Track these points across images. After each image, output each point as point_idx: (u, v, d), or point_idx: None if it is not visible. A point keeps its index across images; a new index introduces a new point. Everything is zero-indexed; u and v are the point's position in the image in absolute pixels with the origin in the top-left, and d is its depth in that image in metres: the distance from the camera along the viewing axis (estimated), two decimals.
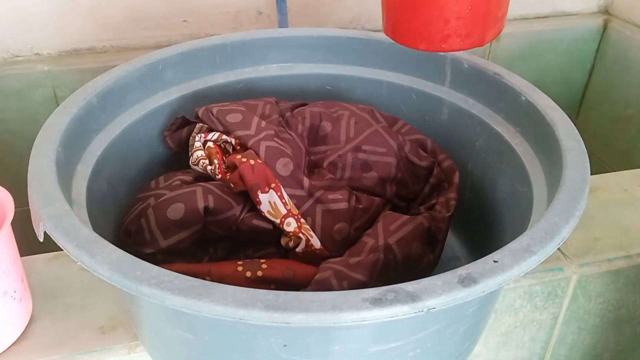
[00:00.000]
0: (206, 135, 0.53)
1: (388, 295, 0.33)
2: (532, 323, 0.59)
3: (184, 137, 0.56)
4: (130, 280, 0.34)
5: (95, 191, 0.47)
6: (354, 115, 0.56)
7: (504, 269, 0.35)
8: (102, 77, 0.53)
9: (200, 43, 0.60)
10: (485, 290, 0.34)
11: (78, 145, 0.48)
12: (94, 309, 0.51)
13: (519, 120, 0.54)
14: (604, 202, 0.63)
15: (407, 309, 0.33)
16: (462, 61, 0.59)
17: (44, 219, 0.38)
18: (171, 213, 0.46)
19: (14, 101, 0.84)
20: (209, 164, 0.51)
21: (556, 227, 0.38)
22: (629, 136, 1.02)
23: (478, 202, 0.55)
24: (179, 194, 0.47)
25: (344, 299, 0.32)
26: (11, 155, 0.86)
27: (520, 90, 0.53)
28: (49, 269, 0.54)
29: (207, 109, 0.53)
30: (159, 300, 0.33)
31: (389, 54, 0.63)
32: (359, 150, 0.54)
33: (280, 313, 0.32)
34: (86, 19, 0.86)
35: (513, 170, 0.52)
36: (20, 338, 0.48)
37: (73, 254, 0.36)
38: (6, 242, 0.45)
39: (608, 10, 1.07)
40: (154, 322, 0.42)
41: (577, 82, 1.09)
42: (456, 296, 0.33)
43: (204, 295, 0.32)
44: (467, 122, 0.58)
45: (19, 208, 0.46)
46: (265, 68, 0.63)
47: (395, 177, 0.54)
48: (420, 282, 0.34)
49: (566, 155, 0.45)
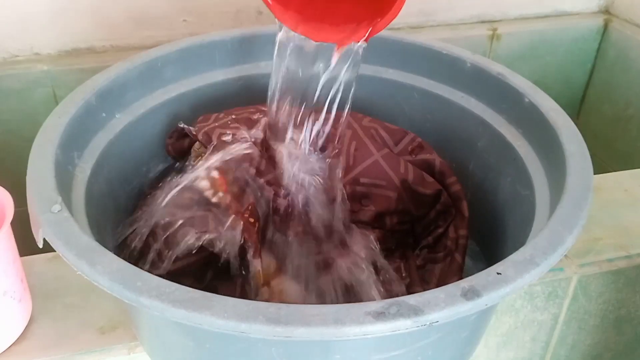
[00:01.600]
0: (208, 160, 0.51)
1: (391, 309, 0.32)
2: (533, 323, 0.59)
3: (186, 147, 0.55)
4: (131, 292, 0.33)
5: (95, 191, 0.47)
6: (355, 139, 0.53)
7: (508, 281, 0.34)
8: (100, 75, 0.52)
9: (199, 39, 0.59)
10: (489, 303, 0.34)
11: (77, 146, 0.48)
12: (93, 309, 0.51)
13: (521, 122, 0.53)
14: (604, 202, 0.63)
15: (409, 323, 0.32)
16: (464, 60, 0.58)
17: (43, 225, 0.37)
18: (182, 237, 0.45)
19: (13, 101, 0.84)
20: (214, 194, 0.50)
21: (560, 237, 0.38)
22: (629, 136, 1.02)
23: (479, 203, 0.55)
24: (190, 218, 0.47)
25: (347, 313, 0.32)
26: (11, 155, 0.86)
27: (524, 91, 0.52)
28: (49, 269, 0.54)
29: (206, 133, 0.52)
30: (159, 312, 0.33)
31: (391, 51, 0.62)
32: (357, 183, 0.52)
33: (282, 327, 0.31)
34: (86, 19, 0.86)
35: (515, 173, 0.51)
36: (20, 338, 0.48)
37: (72, 262, 0.36)
38: (6, 242, 0.45)
39: (609, 10, 1.07)
40: (154, 327, 0.42)
41: (578, 82, 1.09)
42: (459, 310, 0.33)
43: (205, 307, 0.32)
44: (469, 122, 0.57)
45: (19, 208, 0.46)
46: (266, 64, 0.62)
47: (396, 209, 0.52)
48: (423, 295, 0.33)
49: (570, 160, 0.44)
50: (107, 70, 0.53)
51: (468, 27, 1.01)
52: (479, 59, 0.58)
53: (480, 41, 0.99)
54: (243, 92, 0.60)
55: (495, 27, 1.00)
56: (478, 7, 1.01)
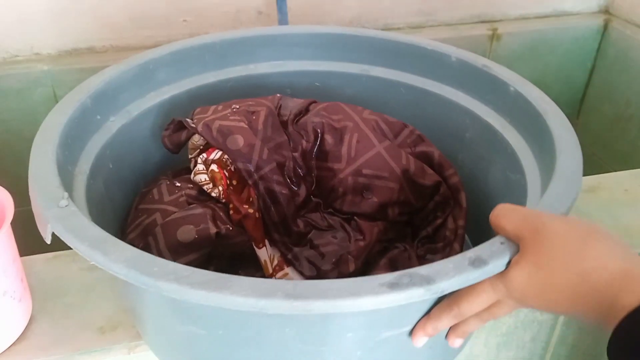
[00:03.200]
0: (208, 154, 0.51)
1: (403, 279, 0.34)
2: (533, 323, 0.59)
3: (183, 140, 0.55)
4: (148, 277, 0.34)
5: (94, 193, 0.47)
6: (357, 130, 0.53)
7: (511, 249, 0.36)
8: (95, 77, 0.53)
9: (190, 42, 0.60)
10: (495, 270, 0.36)
11: (75, 147, 0.48)
12: (93, 309, 0.51)
13: (508, 110, 0.55)
14: (604, 202, 0.63)
15: (422, 291, 0.33)
16: (449, 55, 0.59)
17: (51, 220, 0.38)
18: (182, 235, 0.46)
19: (13, 101, 0.84)
20: (213, 187, 0.50)
21: (554, 210, 0.40)
22: (629, 136, 1.02)
23: (471, 192, 0.55)
24: (189, 215, 0.47)
25: (361, 285, 0.33)
26: (11, 155, 0.86)
27: (509, 81, 0.54)
28: (49, 269, 0.54)
29: (206, 125, 0.51)
30: (178, 295, 0.33)
31: (377, 49, 0.63)
32: (360, 175, 0.52)
33: (300, 301, 0.32)
34: (86, 19, 0.86)
35: (504, 159, 0.52)
36: (20, 338, 0.48)
37: (86, 254, 0.36)
38: (6, 242, 0.45)
39: (608, 9, 1.07)
40: (162, 319, 0.42)
41: (578, 82, 1.09)
42: (468, 277, 0.34)
43: (224, 287, 0.33)
44: (457, 114, 0.59)
45: (19, 208, 0.46)
46: (255, 66, 0.63)
47: (397, 200, 0.52)
48: (433, 265, 0.35)
49: (559, 142, 0.46)
50: (101, 73, 0.54)
51: (468, 27, 1.01)
52: (464, 53, 0.59)
53: (480, 41, 0.99)
54: (233, 93, 0.61)
55: (496, 27, 1.00)
56: (478, 7, 1.01)
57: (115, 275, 0.35)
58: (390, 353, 0.40)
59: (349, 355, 0.39)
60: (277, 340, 0.38)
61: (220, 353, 0.40)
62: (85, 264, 0.54)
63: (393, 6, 0.97)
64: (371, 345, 0.39)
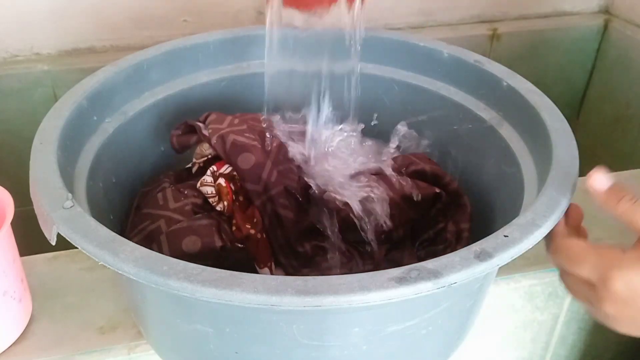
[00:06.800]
0: (218, 167, 0.51)
1: (411, 273, 0.34)
2: (533, 323, 0.59)
3: (191, 144, 0.55)
4: (158, 276, 0.34)
5: (93, 195, 0.47)
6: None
7: (515, 242, 0.37)
8: (89, 79, 0.53)
9: (182, 42, 0.60)
10: (500, 263, 0.36)
11: (74, 149, 0.48)
12: (93, 309, 0.51)
13: (501, 105, 0.55)
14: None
15: (430, 285, 0.34)
16: (441, 50, 0.60)
17: (57, 221, 0.38)
18: (187, 246, 0.45)
19: (13, 101, 0.84)
20: (218, 201, 0.50)
21: (556, 201, 0.41)
22: (630, 136, 1.02)
23: (465, 187, 0.56)
24: (194, 226, 0.47)
25: (371, 280, 0.34)
26: (11, 155, 0.86)
27: (502, 76, 0.55)
28: (49, 269, 0.54)
29: (221, 137, 0.51)
30: (189, 293, 0.33)
31: (369, 46, 0.62)
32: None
33: (311, 297, 0.33)
34: (86, 19, 0.86)
35: (498, 153, 0.53)
36: (20, 338, 0.48)
37: (94, 254, 0.36)
38: (6, 242, 0.45)
39: (609, 9, 1.07)
40: (167, 319, 0.42)
41: (578, 82, 1.09)
42: (474, 270, 0.35)
43: (235, 284, 0.33)
44: (449, 110, 0.59)
45: (19, 208, 0.46)
46: (248, 65, 0.63)
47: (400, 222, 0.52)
48: (439, 259, 0.35)
49: (554, 135, 0.47)
50: (95, 74, 0.53)
51: (468, 27, 1.01)
52: (456, 48, 0.60)
53: (480, 41, 0.99)
54: (226, 93, 0.61)
55: (496, 27, 1.00)
56: (478, 7, 1.01)
57: (123, 275, 0.35)
58: (396, 347, 0.41)
59: (355, 349, 0.39)
60: (285, 336, 0.38)
61: (226, 350, 0.40)
62: (85, 264, 0.54)
63: (393, 6, 0.97)
64: (377, 340, 0.39)
